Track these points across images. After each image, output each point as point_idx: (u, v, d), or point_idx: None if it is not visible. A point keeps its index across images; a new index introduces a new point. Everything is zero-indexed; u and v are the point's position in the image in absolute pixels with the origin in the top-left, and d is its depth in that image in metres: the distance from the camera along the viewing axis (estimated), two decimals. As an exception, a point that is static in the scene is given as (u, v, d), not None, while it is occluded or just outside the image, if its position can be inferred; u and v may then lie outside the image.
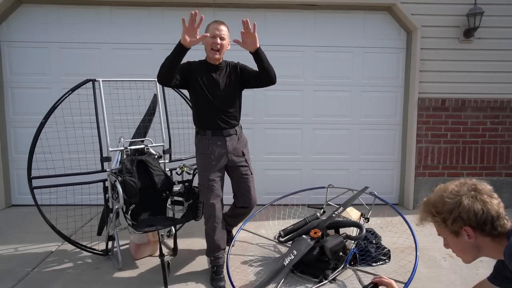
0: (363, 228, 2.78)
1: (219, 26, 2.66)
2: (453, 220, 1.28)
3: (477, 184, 1.31)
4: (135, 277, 2.82)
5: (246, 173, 2.87)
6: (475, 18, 4.12)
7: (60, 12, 4.31)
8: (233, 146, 2.79)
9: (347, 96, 4.56)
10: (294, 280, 2.75)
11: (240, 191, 2.90)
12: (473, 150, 4.50)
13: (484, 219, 1.25)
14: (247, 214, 3.03)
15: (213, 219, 2.74)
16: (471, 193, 1.28)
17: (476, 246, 1.31)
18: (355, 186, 3.83)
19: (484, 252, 1.33)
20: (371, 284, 1.65)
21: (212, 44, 2.64)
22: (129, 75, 4.28)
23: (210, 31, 2.65)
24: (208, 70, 2.73)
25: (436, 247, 3.31)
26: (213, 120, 2.74)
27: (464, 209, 1.27)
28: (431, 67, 4.36)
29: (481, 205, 1.26)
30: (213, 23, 2.69)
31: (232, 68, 2.81)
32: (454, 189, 1.32)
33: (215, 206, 2.73)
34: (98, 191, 3.04)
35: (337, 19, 4.45)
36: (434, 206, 1.34)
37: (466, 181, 1.34)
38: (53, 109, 2.89)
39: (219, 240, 2.78)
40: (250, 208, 2.95)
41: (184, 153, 3.69)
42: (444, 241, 1.41)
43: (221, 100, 2.72)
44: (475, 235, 1.28)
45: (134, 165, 2.91)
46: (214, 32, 2.63)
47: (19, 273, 2.84)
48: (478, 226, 1.27)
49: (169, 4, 4.32)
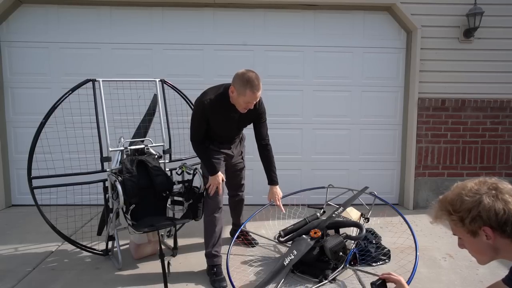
0: (363, 228, 2.78)
1: (257, 93, 2.56)
2: (472, 219, 1.22)
3: (498, 183, 1.25)
4: (135, 277, 2.82)
5: (241, 167, 3.16)
6: (475, 18, 4.12)
7: (60, 12, 4.31)
8: (236, 150, 3.05)
9: (347, 96, 4.56)
10: (294, 280, 2.75)
11: (234, 181, 3.19)
12: (473, 150, 4.50)
13: (505, 219, 1.19)
14: (241, 200, 3.31)
15: (217, 209, 2.82)
16: (492, 192, 1.22)
17: (494, 247, 1.25)
18: (355, 186, 3.82)
19: (502, 255, 1.27)
20: (379, 280, 1.60)
21: (245, 107, 2.62)
22: (129, 75, 4.28)
23: (246, 97, 2.55)
24: (229, 109, 2.71)
25: (436, 247, 3.31)
26: (223, 139, 2.93)
27: (484, 209, 1.20)
28: (431, 67, 4.36)
29: (503, 205, 1.20)
30: (250, 91, 2.52)
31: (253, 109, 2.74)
32: (474, 187, 1.26)
33: (219, 198, 2.84)
34: (98, 191, 3.04)
35: (337, 19, 4.44)
36: (452, 204, 1.27)
37: (486, 179, 1.27)
38: (53, 109, 2.89)
39: (219, 232, 2.83)
40: (241, 193, 3.27)
41: (184, 153, 3.69)
42: (459, 241, 1.35)
43: (236, 130, 2.92)
44: (494, 236, 1.22)
45: (134, 165, 2.91)
46: (250, 100, 2.58)
47: (19, 273, 2.84)
48: (498, 227, 1.20)
49: (169, 4, 4.32)
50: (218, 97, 2.66)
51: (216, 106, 2.65)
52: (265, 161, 2.97)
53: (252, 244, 3.35)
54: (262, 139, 2.94)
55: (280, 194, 2.99)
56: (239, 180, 3.20)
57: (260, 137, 2.94)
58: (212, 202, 2.82)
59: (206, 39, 4.40)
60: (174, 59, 4.42)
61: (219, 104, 2.66)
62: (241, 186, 3.24)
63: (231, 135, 2.96)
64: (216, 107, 2.66)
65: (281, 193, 3.00)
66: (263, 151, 2.97)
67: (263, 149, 2.97)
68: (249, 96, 2.55)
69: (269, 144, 2.98)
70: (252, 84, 2.51)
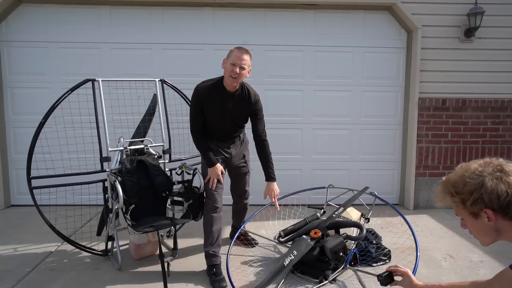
0: (364, 228, 2.78)
1: (242, 55, 2.63)
2: (473, 201, 1.20)
3: (503, 164, 1.22)
4: (135, 278, 2.82)
5: (244, 171, 3.10)
6: (476, 17, 4.11)
7: (60, 11, 4.30)
8: (236, 151, 2.98)
9: (347, 96, 4.55)
10: (294, 281, 2.75)
11: (237, 187, 3.15)
12: (473, 150, 4.49)
13: (508, 202, 1.17)
14: (244, 207, 3.27)
15: (214, 209, 2.81)
16: (496, 174, 1.19)
17: (496, 229, 1.23)
18: (355, 186, 3.82)
19: (505, 236, 1.25)
20: (386, 272, 1.60)
21: (231, 72, 2.63)
22: (128, 75, 4.27)
23: (231, 58, 2.63)
24: (222, 97, 2.74)
25: (436, 248, 3.29)
26: (221, 135, 2.90)
27: (486, 191, 1.18)
28: (431, 66, 4.35)
29: (506, 187, 1.17)
30: (236, 51, 2.64)
31: (247, 99, 2.82)
32: (478, 168, 1.23)
33: (217, 198, 2.83)
34: (98, 191, 3.04)
35: (338, 19, 4.44)
36: (454, 186, 1.26)
37: (492, 160, 1.25)
38: (52, 109, 2.88)
39: (217, 232, 2.82)
40: (245, 201, 3.22)
41: (184, 153, 3.68)
42: (461, 222, 1.34)
43: (231, 124, 2.88)
44: (495, 218, 1.20)
45: (134, 165, 2.90)
46: (235, 61, 2.61)
47: (18, 274, 2.84)
48: (500, 209, 1.18)
49: (169, 4, 4.31)
50: (212, 84, 2.75)
51: (209, 92, 2.72)
52: (262, 157, 2.96)
53: (252, 244, 3.35)
54: (259, 135, 2.94)
55: (277, 191, 2.95)
56: (243, 185, 3.13)
57: (257, 133, 2.94)
58: (210, 201, 2.82)
59: (206, 39, 4.39)
60: (174, 59, 4.41)
61: (213, 90, 2.72)
62: (245, 192, 3.17)
63: (227, 130, 2.90)
64: (209, 92, 2.72)
65: (278, 190, 2.96)
66: (260, 147, 2.95)
67: (260, 145, 2.95)
68: (234, 56, 2.62)
69: (266, 140, 2.96)
70: (238, 47, 2.67)
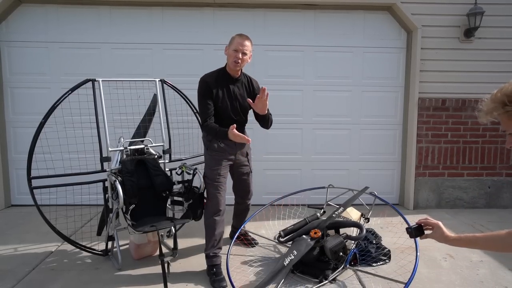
0: (363, 228, 2.77)
1: (244, 41, 2.75)
2: None
3: None
4: (135, 277, 2.82)
5: (247, 171, 3.09)
6: (476, 17, 4.12)
7: (60, 11, 4.30)
8: (240, 147, 2.97)
9: (347, 96, 4.55)
10: (294, 280, 2.75)
11: (241, 187, 3.13)
12: (473, 150, 4.49)
13: None
14: (246, 209, 3.26)
15: (217, 212, 2.81)
16: None
17: None
18: (355, 186, 3.82)
19: None
20: (416, 225, 1.57)
21: (234, 57, 2.74)
22: (128, 75, 4.27)
23: (234, 44, 2.75)
24: (227, 82, 2.84)
25: (436, 247, 3.30)
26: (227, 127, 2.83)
27: None
28: (431, 67, 4.36)
29: None
30: (237, 37, 2.77)
31: (249, 84, 2.96)
32: None
33: (220, 200, 2.83)
34: (98, 191, 3.04)
35: (337, 19, 4.44)
36: (508, 95, 1.21)
37: None
38: (52, 109, 2.88)
39: (219, 235, 2.83)
40: (248, 201, 3.22)
41: (184, 153, 3.69)
42: (509, 139, 1.27)
43: (236, 111, 2.88)
44: None
45: (134, 165, 2.91)
46: (237, 47, 2.73)
47: (18, 273, 2.84)
48: None
49: (169, 4, 4.31)
50: (216, 72, 2.85)
51: (215, 79, 2.80)
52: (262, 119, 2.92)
53: (252, 244, 3.35)
54: None
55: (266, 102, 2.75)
56: (246, 185, 3.13)
57: None
58: (212, 204, 2.81)
59: (206, 39, 4.40)
60: (174, 59, 4.41)
61: (218, 77, 2.81)
62: (248, 193, 3.17)
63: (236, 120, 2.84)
64: (215, 79, 2.80)
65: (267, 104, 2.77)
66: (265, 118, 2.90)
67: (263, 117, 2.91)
68: (236, 43, 2.73)
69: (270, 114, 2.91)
70: (239, 34, 2.78)
